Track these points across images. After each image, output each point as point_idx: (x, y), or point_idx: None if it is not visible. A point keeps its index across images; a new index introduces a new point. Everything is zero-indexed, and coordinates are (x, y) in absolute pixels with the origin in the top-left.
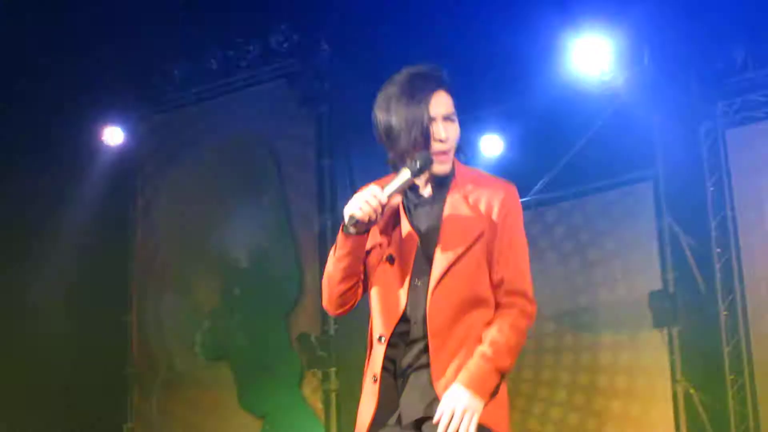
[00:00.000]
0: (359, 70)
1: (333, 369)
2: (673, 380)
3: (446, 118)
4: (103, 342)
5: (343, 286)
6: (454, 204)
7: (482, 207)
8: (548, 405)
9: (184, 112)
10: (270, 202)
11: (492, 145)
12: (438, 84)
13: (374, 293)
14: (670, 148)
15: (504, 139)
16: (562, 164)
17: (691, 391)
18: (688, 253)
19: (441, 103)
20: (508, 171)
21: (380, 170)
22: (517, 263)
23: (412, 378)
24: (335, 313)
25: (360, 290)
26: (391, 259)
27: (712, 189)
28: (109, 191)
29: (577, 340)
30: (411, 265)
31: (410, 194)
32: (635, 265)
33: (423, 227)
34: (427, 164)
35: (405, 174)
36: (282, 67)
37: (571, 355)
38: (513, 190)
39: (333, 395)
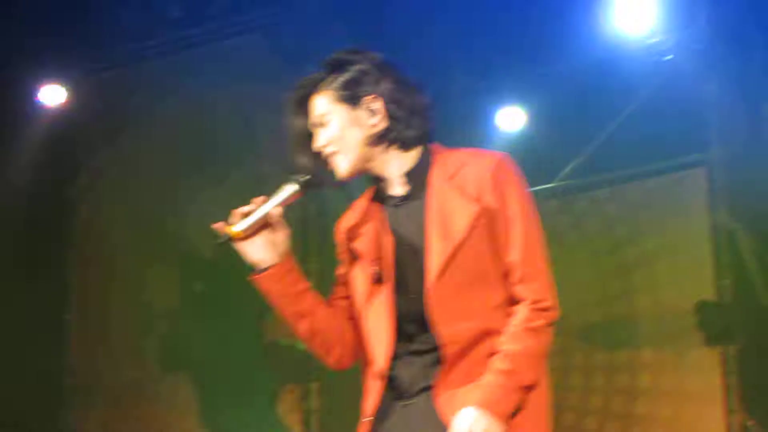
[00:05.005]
0: (354, 22)
1: (314, 384)
2: (728, 410)
3: (318, 124)
4: (36, 347)
5: (302, 332)
6: (436, 194)
7: (471, 189)
8: None
9: (138, 69)
10: (242, 181)
11: (511, 120)
12: (311, 89)
13: (366, 323)
14: (728, 128)
15: (526, 112)
16: (596, 144)
17: (748, 424)
18: (747, 255)
19: (312, 111)
20: (529, 151)
21: None
22: (526, 245)
23: (416, 402)
24: (335, 367)
25: (336, 330)
26: (378, 279)
27: None
28: (46, 164)
29: (610, 359)
30: (403, 277)
31: (386, 198)
32: (683, 269)
33: (407, 231)
34: (314, 178)
35: (290, 187)
36: (259, 17)
37: (603, 376)
38: (503, 159)
39: (314, 416)
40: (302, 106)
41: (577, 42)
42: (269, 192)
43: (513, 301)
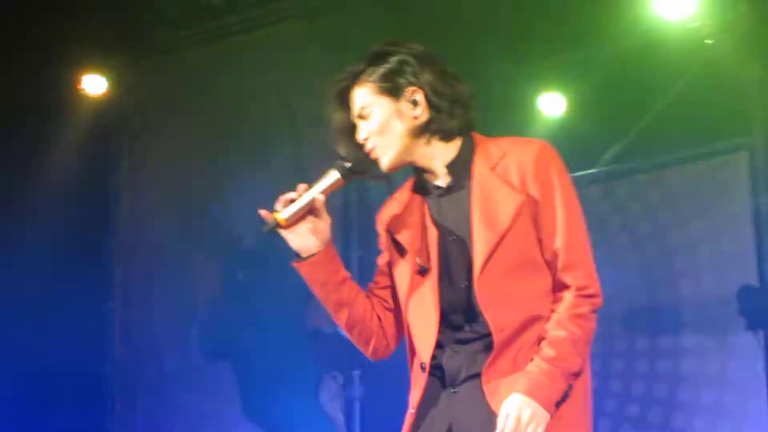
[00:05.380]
0: (394, 10)
1: (357, 372)
2: None
3: (359, 117)
4: (79, 334)
5: (342, 321)
6: (480, 183)
7: (514, 178)
8: (618, 420)
9: (179, 57)
10: (283, 168)
11: (552, 106)
12: (351, 81)
13: (410, 315)
14: None
15: (567, 97)
16: (638, 129)
17: None
18: None
19: (353, 103)
20: (571, 137)
21: None
22: (569, 232)
23: (463, 390)
24: (372, 357)
25: (375, 320)
26: (423, 271)
27: None
28: (89, 153)
29: (653, 344)
30: (448, 268)
31: (431, 188)
32: (726, 254)
33: (451, 222)
34: (358, 166)
35: (333, 174)
36: (301, 3)
37: (646, 362)
38: (544, 146)
39: (356, 404)
40: (344, 98)
41: (618, 26)
42: (312, 179)
43: (558, 288)
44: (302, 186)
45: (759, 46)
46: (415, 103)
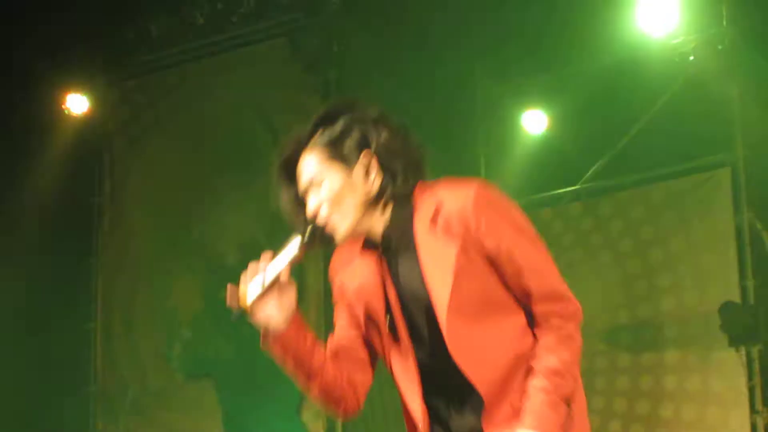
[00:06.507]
0: (375, 28)
1: None
2: (752, 411)
3: (310, 185)
4: (60, 354)
5: (315, 391)
6: (423, 242)
7: (455, 227)
8: None
9: (162, 76)
10: (265, 187)
11: (535, 122)
12: (299, 147)
13: (394, 374)
14: (753, 128)
15: (549, 114)
16: (620, 146)
17: None
18: None
19: (302, 171)
20: (554, 153)
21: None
22: (532, 264)
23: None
24: (343, 417)
25: (344, 382)
26: (392, 328)
27: None
28: (71, 171)
29: (635, 361)
30: (416, 329)
31: (377, 246)
32: (708, 270)
33: (407, 281)
34: (320, 230)
35: (297, 240)
36: (282, 24)
37: (628, 378)
38: (480, 189)
39: (338, 422)
40: (291, 167)
41: (600, 43)
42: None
43: (538, 317)
44: (268, 254)
45: (740, 63)
46: (367, 169)
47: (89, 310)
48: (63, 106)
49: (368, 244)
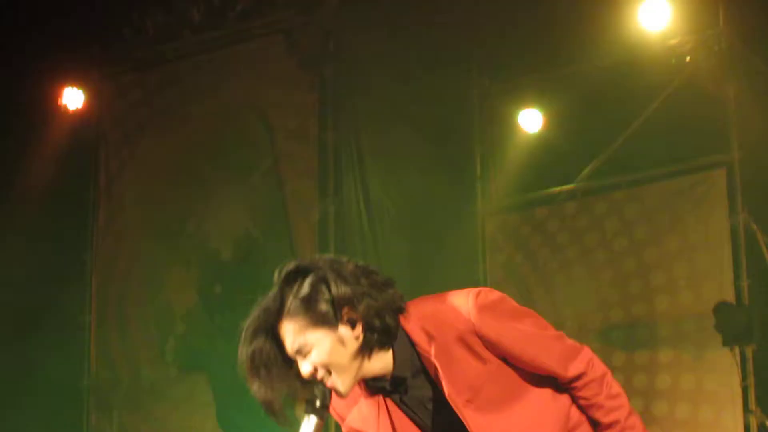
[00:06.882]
0: (371, 25)
1: None
2: (746, 410)
3: (298, 353)
4: (55, 348)
5: None
6: (438, 368)
7: (466, 345)
8: None
9: (158, 71)
10: (261, 182)
11: (531, 122)
12: (275, 318)
13: None
14: (749, 129)
15: (545, 113)
16: (616, 146)
17: (767, 424)
18: (766, 256)
19: (285, 340)
20: (550, 153)
21: (391, 145)
22: (548, 352)
23: None
24: None
25: None
26: None
27: None
28: (66, 165)
29: (629, 360)
30: None
31: (386, 387)
32: (702, 270)
33: (424, 411)
34: (328, 396)
35: (313, 420)
36: (278, 21)
37: (622, 377)
38: (472, 299)
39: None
40: (268, 336)
41: (597, 44)
42: (288, 195)
43: (578, 392)
44: None
45: (736, 64)
46: (352, 323)
47: (84, 304)
48: (59, 101)
49: (371, 386)
